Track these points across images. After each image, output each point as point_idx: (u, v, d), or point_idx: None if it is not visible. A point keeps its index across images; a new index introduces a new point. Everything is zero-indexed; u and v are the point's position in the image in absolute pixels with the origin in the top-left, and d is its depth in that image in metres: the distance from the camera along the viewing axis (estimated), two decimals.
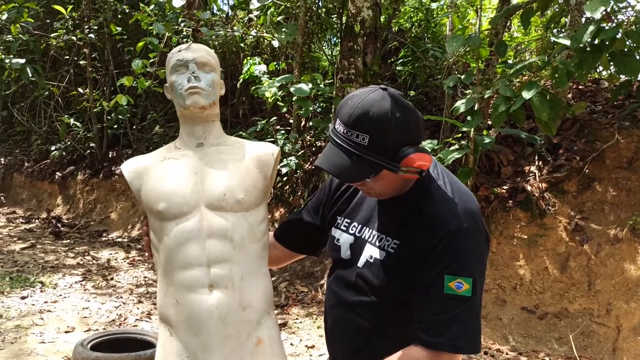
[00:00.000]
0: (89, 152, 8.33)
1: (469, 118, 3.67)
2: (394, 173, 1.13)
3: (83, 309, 4.27)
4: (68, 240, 6.97)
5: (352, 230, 1.33)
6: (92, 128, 8.05)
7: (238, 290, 1.36)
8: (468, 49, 4.94)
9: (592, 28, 2.89)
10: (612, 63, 3.06)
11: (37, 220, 8.28)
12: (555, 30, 5.18)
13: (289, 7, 5.87)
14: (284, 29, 4.97)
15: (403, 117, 1.12)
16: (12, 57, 5.55)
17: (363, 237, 1.30)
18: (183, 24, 5.76)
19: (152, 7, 5.48)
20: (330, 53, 6.39)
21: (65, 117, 7.78)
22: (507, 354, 3.47)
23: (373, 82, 4.57)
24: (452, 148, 3.94)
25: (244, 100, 6.95)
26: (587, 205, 3.83)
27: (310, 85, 4.48)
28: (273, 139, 5.13)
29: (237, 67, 7.08)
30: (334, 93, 4.73)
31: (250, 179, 1.42)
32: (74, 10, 6.98)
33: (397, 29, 6.14)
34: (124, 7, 6.90)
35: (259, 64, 5.27)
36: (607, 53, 3.01)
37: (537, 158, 4.21)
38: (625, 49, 3.02)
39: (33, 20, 6.38)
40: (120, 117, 7.34)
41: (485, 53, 4.13)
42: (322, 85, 4.65)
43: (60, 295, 4.59)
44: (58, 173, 8.87)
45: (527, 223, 3.94)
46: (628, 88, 3.60)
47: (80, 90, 7.46)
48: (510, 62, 4.48)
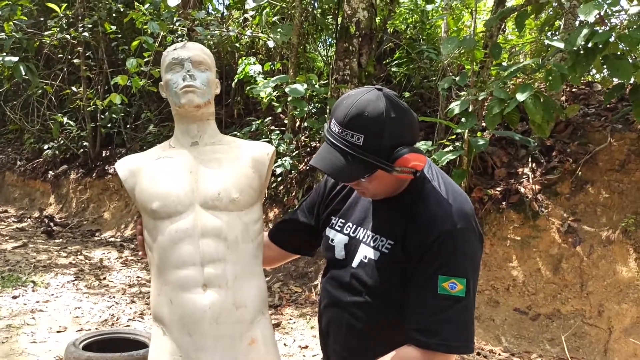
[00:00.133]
0: (82, 151, 8.29)
1: (463, 120, 3.68)
2: (389, 173, 1.14)
3: (75, 309, 4.24)
4: (60, 240, 6.92)
5: (346, 231, 1.33)
6: (85, 127, 8.01)
7: (232, 290, 1.36)
8: (463, 51, 4.96)
9: (585, 31, 2.91)
10: (605, 66, 3.08)
11: (29, 219, 8.22)
12: (550, 33, 5.21)
13: (285, 7, 5.87)
14: (279, 29, 4.98)
15: (398, 117, 1.12)
16: (5, 54, 5.52)
17: (357, 237, 1.30)
18: (178, 23, 5.75)
19: (147, 6, 5.46)
20: (326, 54, 6.39)
21: (59, 115, 7.72)
22: (499, 355, 3.48)
23: (368, 83, 4.57)
24: (446, 149, 3.96)
25: (239, 100, 6.94)
26: (579, 207, 3.85)
27: (305, 86, 4.48)
28: (268, 139, 5.13)
29: (232, 67, 7.08)
30: (329, 94, 4.73)
31: (245, 179, 1.42)
32: (68, 9, 6.95)
33: (392, 31, 6.16)
34: (119, 5, 6.87)
35: (254, 64, 5.27)
36: (600, 56, 3.03)
37: (530, 160, 4.23)
38: (618, 53, 3.05)
39: (26, 18, 6.34)
40: (114, 116, 7.30)
41: (480, 55, 4.15)
42: (317, 86, 4.66)
43: (53, 295, 4.56)
44: (51, 172, 8.81)
45: (520, 224, 3.96)
46: (621, 91, 3.62)
47: (74, 89, 7.41)
48: (505, 64, 4.51)
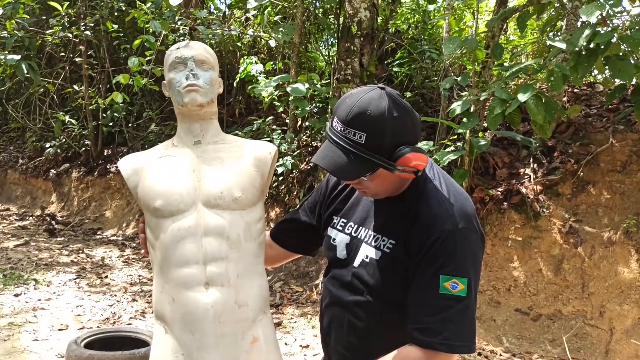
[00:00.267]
0: (84, 149, 8.29)
1: (465, 120, 3.68)
2: (390, 172, 1.14)
3: (77, 307, 4.25)
4: (62, 238, 6.93)
5: (348, 230, 1.33)
6: (87, 125, 8.01)
7: (234, 289, 1.37)
8: (464, 51, 4.95)
9: (587, 32, 2.91)
10: (607, 67, 3.07)
11: (31, 218, 8.23)
12: (551, 34, 5.21)
13: (286, 6, 5.87)
14: (281, 29, 4.98)
15: (400, 116, 1.12)
16: (7, 53, 5.53)
17: (359, 236, 1.30)
18: (180, 22, 5.75)
19: (148, 4, 5.47)
20: (327, 53, 6.40)
21: (61, 114, 7.72)
22: (500, 355, 3.48)
23: (369, 82, 4.58)
24: (447, 150, 3.96)
25: (241, 100, 6.95)
26: (581, 208, 3.85)
27: (307, 86, 4.48)
28: (269, 139, 5.13)
29: (233, 66, 7.08)
30: (331, 93, 4.73)
31: (248, 178, 1.42)
32: (70, 7, 6.94)
33: (394, 30, 6.16)
34: (121, 4, 6.87)
35: (256, 64, 5.28)
36: (602, 57, 3.02)
37: (532, 160, 4.23)
38: (620, 53, 3.04)
39: (28, 17, 6.35)
40: (116, 114, 7.30)
41: (482, 55, 4.15)
42: (318, 86, 4.66)
43: (54, 293, 4.57)
44: (53, 170, 8.82)
45: (521, 225, 3.96)
46: (623, 92, 3.62)
47: (76, 88, 7.42)
48: (506, 64, 4.50)
